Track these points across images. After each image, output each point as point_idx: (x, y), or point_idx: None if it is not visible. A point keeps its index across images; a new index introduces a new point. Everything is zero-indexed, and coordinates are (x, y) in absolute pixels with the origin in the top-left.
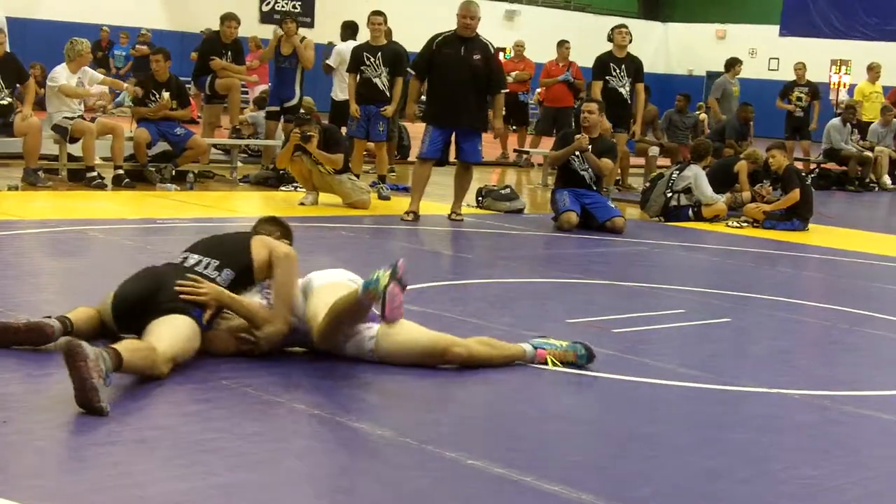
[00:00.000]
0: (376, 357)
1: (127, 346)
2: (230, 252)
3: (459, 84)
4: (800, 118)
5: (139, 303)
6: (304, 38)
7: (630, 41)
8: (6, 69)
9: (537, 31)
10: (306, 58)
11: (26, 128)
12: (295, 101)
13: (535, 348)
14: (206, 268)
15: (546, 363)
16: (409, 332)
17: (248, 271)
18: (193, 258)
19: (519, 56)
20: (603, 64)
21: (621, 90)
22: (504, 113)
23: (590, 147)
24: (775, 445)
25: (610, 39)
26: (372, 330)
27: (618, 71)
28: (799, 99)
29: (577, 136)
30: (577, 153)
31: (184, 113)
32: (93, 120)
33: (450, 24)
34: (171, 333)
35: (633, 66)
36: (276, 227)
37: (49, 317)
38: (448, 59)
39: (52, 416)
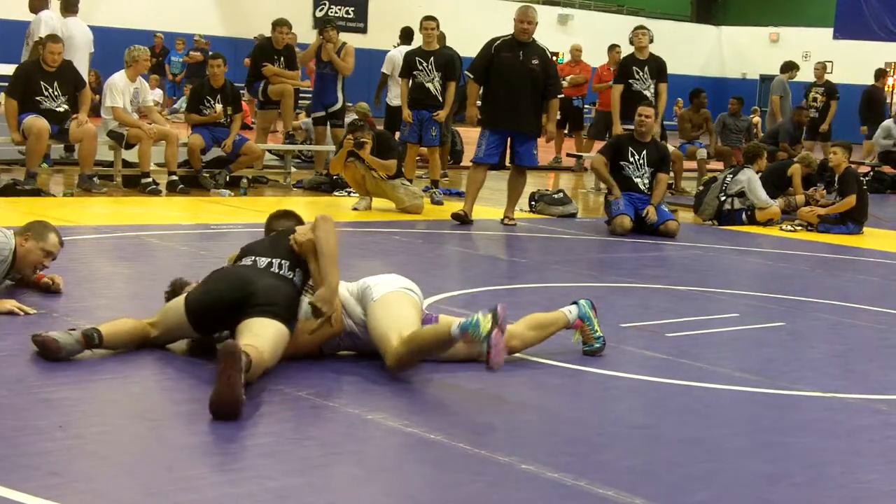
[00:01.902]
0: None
1: (254, 356)
2: (293, 252)
3: (518, 89)
4: (816, 119)
5: (233, 303)
6: (344, 43)
7: (649, 42)
8: (63, 77)
9: (590, 35)
10: (342, 66)
11: (81, 134)
12: (338, 106)
13: (578, 318)
14: (280, 269)
15: (574, 333)
16: None
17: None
18: (264, 260)
19: (576, 60)
20: (625, 67)
21: (645, 92)
22: (559, 118)
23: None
24: (832, 450)
25: (631, 42)
26: None
27: (641, 73)
28: (814, 100)
29: (645, 215)
30: (632, 157)
31: (236, 125)
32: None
33: (503, 29)
34: (274, 345)
35: (656, 67)
36: (292, 219)
37: (74, 329)
38: (507, 64)
39: (106, 421)
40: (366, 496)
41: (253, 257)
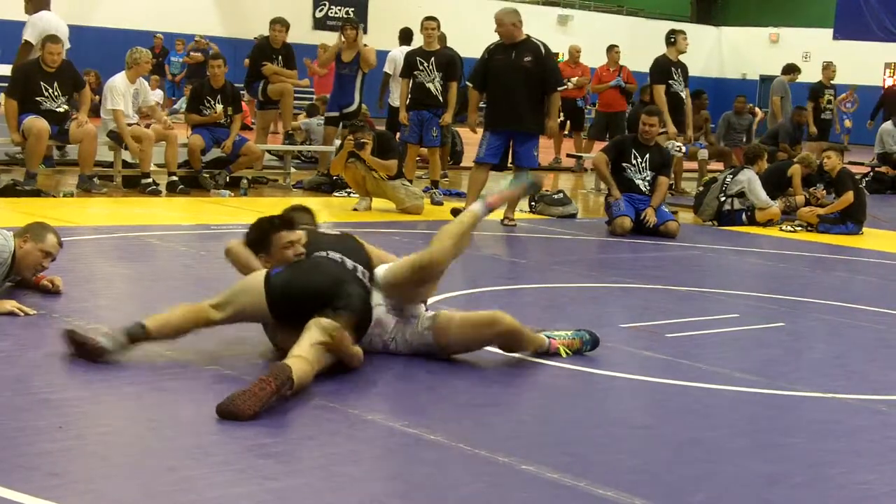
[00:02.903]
0: (432, 337)
1: (301, 377)
2: (364, 261)
3: (512, 88)
4: (828, 121)
5: (318, 297)
6: (365, 45)
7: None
8: (63, 77)
9: (589, 35)
10: (371, 61)
11: (82, 134)
12: (354, 107)
13: (550, 339)
14: (363, 276)
15: (559, 353)
16: (461, 312)
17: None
18: (350, 262)
19: (575, 61)
20: (664, 68)
21: (682, 94)
22: (561, 118)
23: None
24: (831, 450)
25: (671, 43)
26: (430, 312)
27: (678, 75)
28: (829, 102)
29: (644, 217)
30: (635, 159)
31: (236, 125)
32: (147, 126)
33: None
34: (329, 357)
35: (686, 70)
36: (309, 215)
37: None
38: (500, 66)
39: (107, 422)
40: (365, 496)
41: (340, 256)
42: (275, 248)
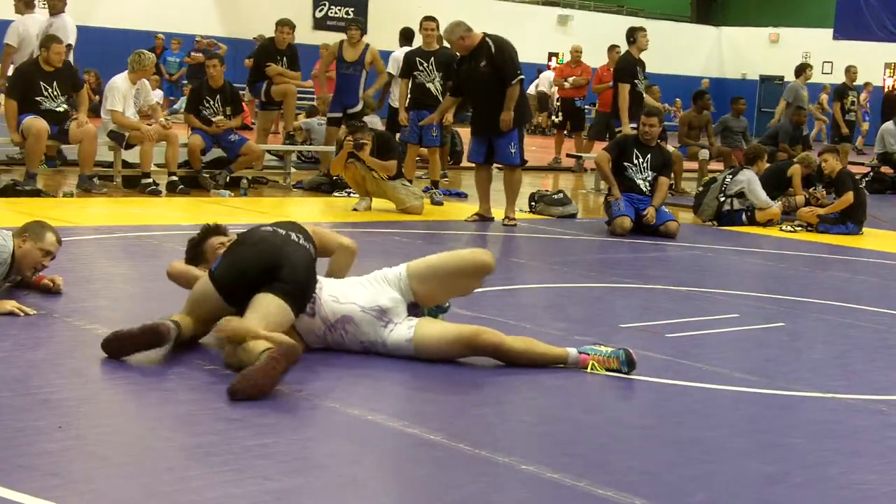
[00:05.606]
0: (413, 345)
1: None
2: (306, 235)
3: (475, 94)
4: (852, 122)
5: (261, 273)
6: (367, 45)
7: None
8: (62, 77)
9: (590, 35)
10: (381, 68)
11: (81, 134)
12: (359, 108)
13: (579, 353)
14: (298, 239)
15: (587, 368)
16: (445, 324)
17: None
18: (294, 234)
19: (576, 61)
20: (631, 67)
21: (643, 92)
22: (561, 118)
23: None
24: (831, 450)
25: (632, 41)
26: (412, 321)
27: (641, 74)
28: (853, 103)
29: (644, 216)
30: (636, 159)
31: (234, 123)
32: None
33: (501, 30)
34: (277, 327)
35: (644, 67)
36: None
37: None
38: (465, 76)
39: (106, 422)
40: (365, 496)
41: (285, 230)
42: (209, 254)
